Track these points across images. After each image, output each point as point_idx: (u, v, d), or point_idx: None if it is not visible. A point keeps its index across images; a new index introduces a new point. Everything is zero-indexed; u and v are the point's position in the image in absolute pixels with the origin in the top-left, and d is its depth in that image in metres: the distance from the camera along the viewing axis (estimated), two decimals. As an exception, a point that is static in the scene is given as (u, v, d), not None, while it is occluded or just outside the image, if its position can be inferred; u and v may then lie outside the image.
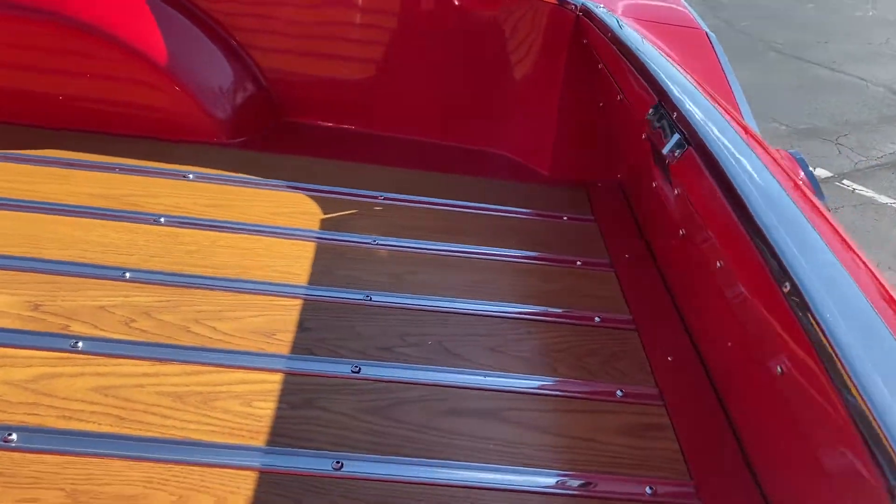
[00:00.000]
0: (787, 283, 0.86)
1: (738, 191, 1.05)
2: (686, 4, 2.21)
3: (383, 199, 1.95)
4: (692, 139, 1.30)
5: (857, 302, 0.82)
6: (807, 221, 0.97)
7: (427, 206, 1.95)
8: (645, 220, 1.93)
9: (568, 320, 1.61)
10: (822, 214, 1.05)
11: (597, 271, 1.80)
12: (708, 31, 2.05)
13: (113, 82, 2.04)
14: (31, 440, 1.16)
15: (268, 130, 2.24)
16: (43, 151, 1.94)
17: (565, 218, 2.01)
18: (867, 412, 0.71)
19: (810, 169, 1.31)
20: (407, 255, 1.75)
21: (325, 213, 1.86)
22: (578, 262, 1.81)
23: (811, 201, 1.07)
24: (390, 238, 1.79)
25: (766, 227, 0.96)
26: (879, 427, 0.70)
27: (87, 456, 1.14)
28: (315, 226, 1.80)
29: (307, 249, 1.71)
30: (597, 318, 1.62)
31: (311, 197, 1.92)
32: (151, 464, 1.15)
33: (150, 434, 1.20)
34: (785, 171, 1.20)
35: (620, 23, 1.83)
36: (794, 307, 0.83)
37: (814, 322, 0.78)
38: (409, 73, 2.24)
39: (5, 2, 1.97)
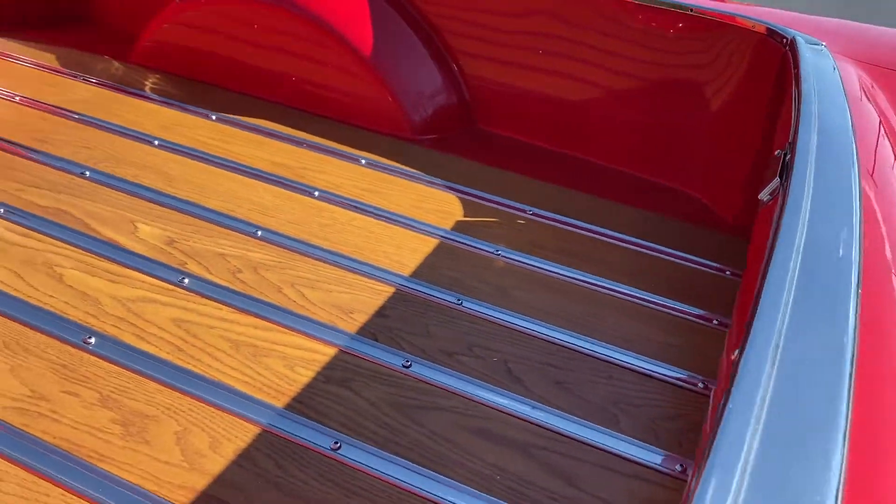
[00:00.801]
0: (736, 352, 0.67)
1: (774, 247, 0.84)
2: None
3: (531, 213, 1.90)
4: (784, 186, 1.08)
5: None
6: (849, 310, 0.74)
7: (571, 228, 1.86)
8: None
9: (664, 377, 1.43)
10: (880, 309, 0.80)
11: None
12: (960, 85, 1.68)
13: (323, 67, 2.24)
14: (103, 347, 1.32)
15: (456, 134, 2.29)
16: (250, 118, 2.19)
17: (728, 273, 1.78)
18: None
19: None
20: (524, 271, 1.68)
21: (464, 216, 1.86)
22: (714, 321, 1.59)
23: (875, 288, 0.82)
24: (515, 252, 1.73)
25: (767, 288, 0.75)
26: None
27: (134, 372, 1.27)
28: (448, 225, 1.81)
29: (428, 245, 1.72)
30: (700, 384, 1.41)
31: (462, 199, 1.93)
32: (179, 394, 1.24)
33: (192, 368, 1.30)
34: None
35: (820, 61, 1.57)
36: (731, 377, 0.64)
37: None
38: (604, 96, 2.15)
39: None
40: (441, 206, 1.89)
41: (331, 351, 1.38)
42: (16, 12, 2.60)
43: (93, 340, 1.32)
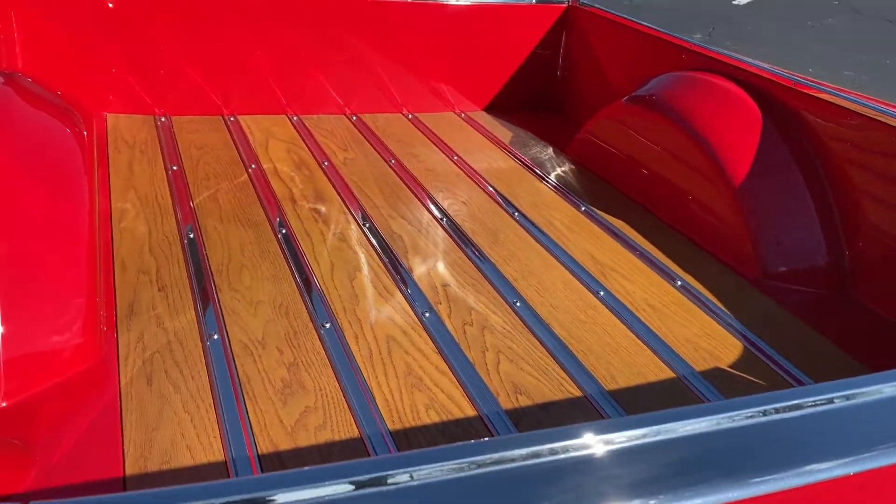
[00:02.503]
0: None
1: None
2: None
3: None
4: None
5: None
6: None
7: None
8: None
9: None
10: None
11: None
12: None
13: (693, 183, 2.24)
14: (328, 333, 1.66)
15: (810, 291, 2.02)
16: (608, 215, 2.34)
17: None
18: None
19: None
20: None
21: (729, 366, 1.68)
22: None
23: None
24: None
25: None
26: None
27: (330, 357, 1.58)
28: (702, 367, 1.66)
29: (660, 375, 1.63)
30: None
31: (746, 350, 1.74)
32: (337, 383, 1.50)
33: (364, 372, 1.54)
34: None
35: None
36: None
37: None
38: None
39: (664, 104, 2.40)
40: (716, 348, 1.74)
41: (470, 413, 1.47)
42: (507, 100, 3.22)
43: (327, 325, 1.68)
